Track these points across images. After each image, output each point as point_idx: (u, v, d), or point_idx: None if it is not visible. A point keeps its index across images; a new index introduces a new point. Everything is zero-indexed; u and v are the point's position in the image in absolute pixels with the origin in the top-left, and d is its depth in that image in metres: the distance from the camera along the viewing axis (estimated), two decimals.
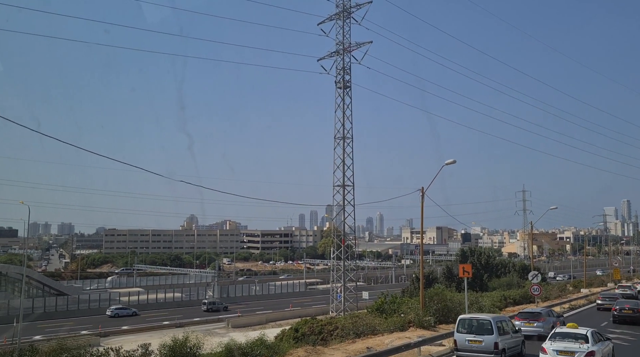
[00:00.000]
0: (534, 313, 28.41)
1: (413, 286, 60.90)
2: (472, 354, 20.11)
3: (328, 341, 27.13)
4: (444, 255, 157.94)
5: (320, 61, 54.15)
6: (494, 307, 37.93)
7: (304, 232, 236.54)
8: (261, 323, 58.10)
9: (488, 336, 19.83)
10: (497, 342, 19.65)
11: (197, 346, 19.58)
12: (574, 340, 18.06)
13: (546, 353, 18.04)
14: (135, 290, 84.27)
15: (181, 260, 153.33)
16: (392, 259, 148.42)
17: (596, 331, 19.42)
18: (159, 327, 56.35)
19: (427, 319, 28.36)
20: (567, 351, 17.69)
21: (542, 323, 26.93)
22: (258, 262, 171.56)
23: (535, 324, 26.90)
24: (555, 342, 18.25)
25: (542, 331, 25.85)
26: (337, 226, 58.18)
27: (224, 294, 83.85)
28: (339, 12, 51.82)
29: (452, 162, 28.73)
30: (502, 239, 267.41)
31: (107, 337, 49.31)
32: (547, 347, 18.17)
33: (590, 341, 17.86)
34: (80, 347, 19.13)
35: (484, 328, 20.19)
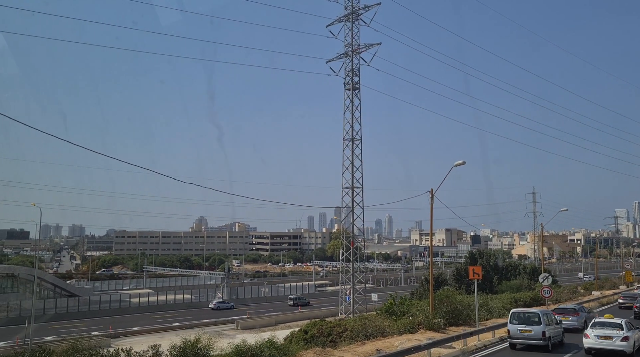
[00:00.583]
0: (570, 309, 32.52)
1: (422, 288, 60.68)
2: (524, 341, 23.96)
3: (337, 343, 27.13)
4: (453, 257, 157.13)
5: (329, 63, 54.23)
6: (503, 310, 37.67)
7: (312, 234, 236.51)
8: (270, 325, 58.15)
9: (537, 326, 23.52)
10: (544, 331, 23.37)
11: (207, 347, 19.64)
12: (611, 327, 22.06)
13: (589, 338, 22.16)
14: (145, 291, 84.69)
15: (190, 261, 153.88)
16: (401, 260, 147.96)
17: (628, 321, 23.42)
18: (168, 329, 56.60)
19: (436, 321, 28.25)
20: (606, 335, 21.72)
21: (577, 317, 30.94)
22: (267, 264, 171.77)
23: (571, 318, 30.73)
24: (595, 330, 22.30)
25: (577, 324, 30.17)
26: (346, 228, 58.15)
27: (233, 295, 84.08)
28: (348, 14, 51.86)
29: (461, 163, 28.62)
30: (512, 241, 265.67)
31: (117, 339, 49.59)
32: (589, 334, 22.31)
33: (624, 328, 21.80)
34: (91, 348, 19.28)
35: (533, 320, 23.90)
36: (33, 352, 20.99)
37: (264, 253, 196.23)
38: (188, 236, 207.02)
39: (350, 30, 51.87)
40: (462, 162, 28.58)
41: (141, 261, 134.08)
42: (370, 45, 52.39)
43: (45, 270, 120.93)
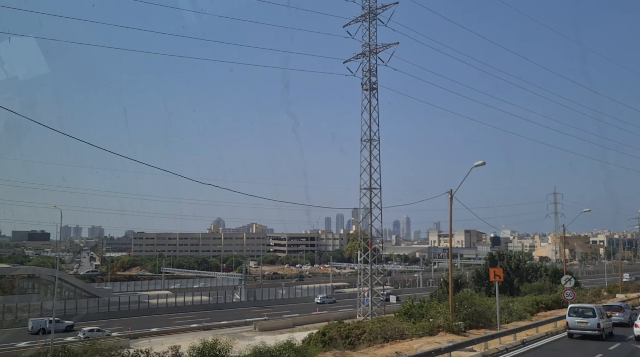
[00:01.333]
0: (616, 306, 36.72)
1: (441, 290, 59.99)
2: (581, 331, 28.04)
3: (356, 345, 26.87)
4: (473, 259, 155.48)
5: (346, 63, 54.02)
6: (525, 312, 37.03)
7: (330, 235, 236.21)
8: (288, 326, 58.04)
9: (592, 319, 27.70)
10: (599, 323, 27.55)
11: (225, 349, 19.56)
12: None
13: (638, 327, 27.94)
14: (163, 293, 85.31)
15: (208, 263, 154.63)
16: (420, 262, 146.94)
17: None
18: (186, 330, 56.86)
19: (456, 324, 27.82)
20: None
21: (623, 314, 34.93)
22: (284, 266, 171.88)
23: (618, 314, 34.51)
24: None
25: (623, 319, 34.27)
26: (364, 229, 57.81)
27: (250, 297, 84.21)
28: (365, 14, 51.61)
29: (481, 163, 28.17)
30: (533, 243, 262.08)
31: (136, 339, 49.93)
32: (639, 324, 28.03)
33: None
34: (111, 349, 19.36)
35: (588, 313, 28.12)
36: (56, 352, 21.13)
37: (282, 255, 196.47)
38: (205, 238, 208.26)
39: (368, 30, 51.61)
40: (482, 163, 28.13)
41: (159, 262, 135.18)
42: (387, 45, 52.05)
43: (66, 271, 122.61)
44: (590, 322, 27.52)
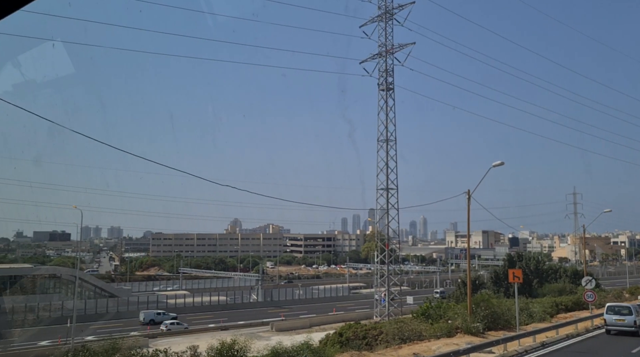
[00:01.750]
0: None
1: (459, 291, 59.62)
2: (618, 328, 29.91)
3: (373, 346, 26.82)
4: (491, 259, 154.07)
5: (362, 63, 53.97)
6: (544, 314, 36.62)
7: (346, 236, 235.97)
8: (305, 327, 58.07)
9: (629, 316, 29.69)
10: (635, 320, 29.41)
11: (244, 349, 19.69)
12: None
13: None
14: (181, 293, 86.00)
15: (225, 263, 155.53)
16: (437, 263, 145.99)
17: None
18: (204, 330, 57.19)
19: (475, 325, 27.63)
20: None
21: None
22: (301, 266, 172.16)
23: None
24: None
25: None
26: (380, 230, 57.67)
27: (267, 297, 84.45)
28: (381, 14, 51.50)
29: (499, 164, 27.93)
30: (552, 244, 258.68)
31: (154, 339, 50.39)
32: None
33: None
34: (130, 348, 19.62)
35: (625, 311, 30.13)
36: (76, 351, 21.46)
37: (298, 255, 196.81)
38: (223, 238, 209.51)
39: (384, 30, 51.51)
40: (500, 163, 27.89)
41: (177, 262, 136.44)
42: (404, 45, 51.89)
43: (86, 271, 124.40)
44: (627, 320, 29.50)
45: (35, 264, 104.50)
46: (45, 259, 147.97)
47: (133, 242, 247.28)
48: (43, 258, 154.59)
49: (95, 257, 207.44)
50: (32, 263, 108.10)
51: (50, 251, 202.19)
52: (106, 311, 67.67)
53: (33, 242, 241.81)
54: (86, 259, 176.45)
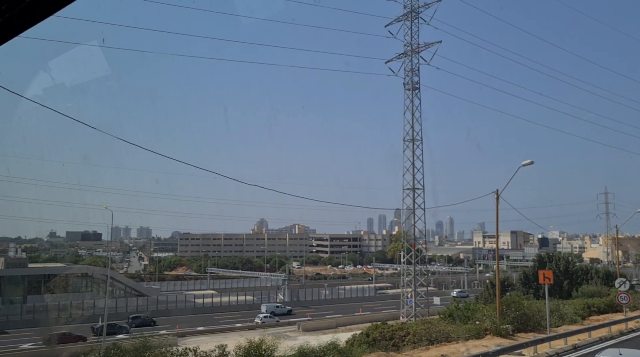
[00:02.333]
0: None
1: (487, 292, 58.82)
2: None
3: (400, 347, 26.69)
4: (520, 260, 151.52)
5: (388, 63, 53.72)
6: (576, 316, 35.83)
7: (372, 236, 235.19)
8: (331, 327, 58.10)
9: None
10: None
11: (271, 349, 19.84)
12: None
13: None
14: (208, 292, 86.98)
15: (252, 263, 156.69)
16: (464, 263, 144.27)
17: None
18: (231, 329, 57.74)
19: (504, 327, 27.25)
20: None
21: None
22: (327, 266, 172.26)
23: None
24: None
25: None
26: (406, 230, 57.32)
27: (294, 297, 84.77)
28: (407, 13, 51.19)
29: (529, 163, 27.47)
30: (583, 244, 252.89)
31: (183, 338, 51.10)
32: None
33: None
34: (160, 346, 19.97)
35: None
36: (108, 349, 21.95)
37: (324, 255, 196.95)
38: (249, 238, 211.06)
39: (410, 29, 51.19)
40: (529, 162, 27.43)
41: (204, 262, 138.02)
42: (430, 43, 51.47)
43: (116, 270, 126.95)
44: None
45: (68, 263, 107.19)
46: (78, 259, 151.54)
47: (161, 242, 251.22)
48: (75, 258, 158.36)
49: (125, 256, 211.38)
50: (65, 262, 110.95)
51: (82, 251, 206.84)
52: (136, 310, 68.91)
53: (66, 242, 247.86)
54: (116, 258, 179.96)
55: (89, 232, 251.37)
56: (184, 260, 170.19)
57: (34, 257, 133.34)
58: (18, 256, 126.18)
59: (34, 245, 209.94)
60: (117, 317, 61.83)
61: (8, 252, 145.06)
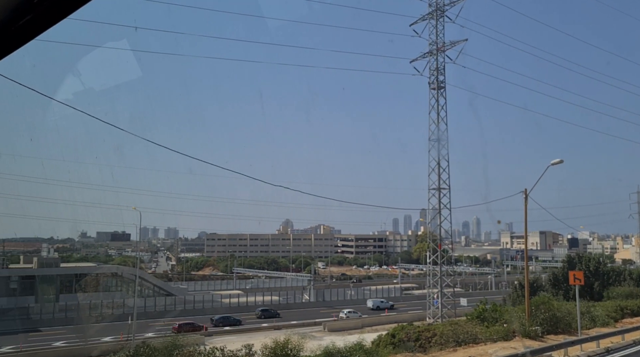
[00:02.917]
0: None
1: (516, 294, 57.86)
2: None
3: (426, 348, 26.52)
4: (549, 261, 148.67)
5: (412, 63, 53.39)
6: (608, 318, 35.00)
7: (398, 236, 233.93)
8: (357, 327, 58.01)
9: None
10: None
11: (297, 349, 19.94)
12: None
13: None
14: (235, 292, 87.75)
15: (277, 263, 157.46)
16: (492, 264, 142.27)
17: None
18: (257, 329, 58.18)
19: (533, 329, 26.81)
20: None
21: None
22: (352, 267, 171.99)
23: None
24: None
25: None
26: (432, 230, 56.87)
27: (319, 297, 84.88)
28: (432, 12, 50.78)
29: (558, 162, 26.98)
30: (615, 245, 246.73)
31: (210, 337, 51.69)
32: None
33: None
34: (189, 345, 20.27)
35: None
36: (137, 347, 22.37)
37: (349, 256, 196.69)
38: (275, 239, 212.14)
39: (435, 28, 50.76)
40: (559, 161, 26.95)
41: (231, 262, 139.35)
42: (455, 42, 50.96)
43: (145, 270, 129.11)
44: None
45: (98, 263, 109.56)
46: (108, 259, 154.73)
47: (188, 243, 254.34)
48: (105, 257, 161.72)
49: (153, 257, 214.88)
50: (96, 262, 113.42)
51: (112, 251, 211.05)
52: (164, 309, 69.98)
53: (96, 242, 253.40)
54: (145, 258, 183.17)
55: (118, 233, 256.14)
56: (211, 260, 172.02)
57: (66, 257, 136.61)
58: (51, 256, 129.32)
59: (66, 245, 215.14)
60: (146, 316, 62.92)
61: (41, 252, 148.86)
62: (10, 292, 67.51)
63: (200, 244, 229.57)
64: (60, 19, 2.31)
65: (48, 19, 2.29)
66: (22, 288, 69.27)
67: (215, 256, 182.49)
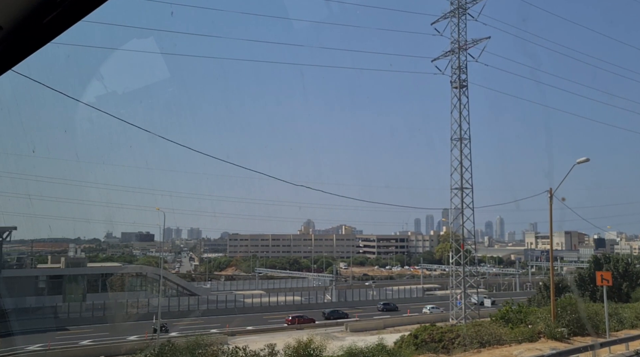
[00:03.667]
0: None
1: (541, 295, 57.07)
2: None
3: (450, 350, 26.32)
4: (575, 262, 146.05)
5: (434, 61, 53.02)
6: (637, 320, 34.24)
7: (420, 236, 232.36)
8: (379, 328, 57.81)
9: None
10: None
11: (319, 348, 19.98)
12: None
13: None
14: (257, 292, 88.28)
15: (299, 264, 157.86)
16: (516, 265, 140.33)
17: None
18: (280, 329, 58.35)
19: (559, 331, 26.37)
20: None
21: None
22: (374, 267, 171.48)
23: None
24: None
25: None
26: (455, 230, 56.36)
27: (341, 298, 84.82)
28: (454, 9, 50.32)
29: (584, 160, 26.50)
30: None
31: (233, 337, 52.05)
32: None
33: None
34: (212, 344, 20.49)
35: None
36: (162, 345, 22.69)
37: (371, 256, 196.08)
38: (296, 239, 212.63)
39: (457, 26, 50.29)
40: (585, 159, 26.46)
41: (253, 262, 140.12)
42: (478, 40, 50.41)
43: (169, 270, 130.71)
44: None
45: (123, 263, 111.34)
46: (132, 259, 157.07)
47: (211, 243, 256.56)
48: (130, 257, 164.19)
49: (176, 257, 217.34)
50: (121, 262, 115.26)
51: (136, 251, 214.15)
52: (188, 309, 70.76)
53: (121, 243, 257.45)
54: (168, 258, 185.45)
55: (142, 233, 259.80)
56: (233, 260, 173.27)
57: (92, 257, 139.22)
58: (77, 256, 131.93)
59: (92, 245, 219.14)
60: (170, 316, 63.70)
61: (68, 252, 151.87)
62: (39, 292, 69.03)
63: (223, 245, 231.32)
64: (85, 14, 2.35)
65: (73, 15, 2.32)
66: (50, 287, 70.77)
67: (237, 256, 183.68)
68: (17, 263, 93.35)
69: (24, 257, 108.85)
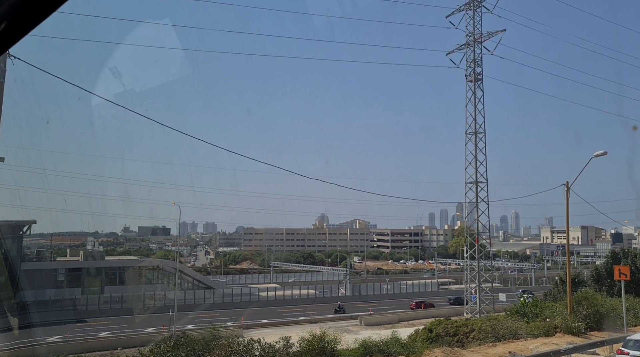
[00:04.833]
0: None
1: (557, 289, 56.54)
2: None
3: (465, 344, 26.29)
4: (591, 256, 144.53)
5: (449, 55, 52.63)
6: None
7: (434, 231, 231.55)
8: (393, 322, 57.89)
9: None
10: None
11: (334, 342, 20.10)
12: None
13: None
14: (272, 286, 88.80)
15: (313, 258, 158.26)
16: (531, 259, 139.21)
17: None
18: (294, 322, 58.68)
19: (576, 325, 26.19)
20: None
21: None
22: (388, 261, 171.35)
23: None
24: None
25: None
26: (469, 225, 56.08)
27: (355, 292, 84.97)
28: (469, 2, 49.87)
29: (602, 153, 26.20)
30: None
31: (248, 330, 52.45)
32: None
33: None
34: (228, 337, 20.71)
35: None
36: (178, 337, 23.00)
37: (385, 250, 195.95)
38: (311, 233, 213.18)
39: (472, 19, 49.85)
40: (602, 152, 26.16)
41: (268, 256, 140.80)
42: (493, 32, 49.91)
43: (185, 264, 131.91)
44: None
45: (140, 256, 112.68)
46: (149, 252, 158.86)
47: (226, 237, 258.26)
48: (147, 251, 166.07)
49: (192, 251, 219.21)
50: (138, 256, 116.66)
51: (153, 245, 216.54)
52: (203, 302, 71.45)
53: (138, 236, 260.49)
54: (184, 252, 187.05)
55: (158, 227, 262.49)
56: (248, 254, 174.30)
57: (109, 250, 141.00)
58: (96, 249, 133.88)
59: (110, 239, 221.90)
60: (188, 309, 64.40)
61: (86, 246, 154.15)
62: (58, 284, 70.18)
63: (238, 239, 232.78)
64: None
65: None
66: (69, 280, 71.91)
67: (252, 250, 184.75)
68: (37, 256, 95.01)
69: (43, 251, 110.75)
